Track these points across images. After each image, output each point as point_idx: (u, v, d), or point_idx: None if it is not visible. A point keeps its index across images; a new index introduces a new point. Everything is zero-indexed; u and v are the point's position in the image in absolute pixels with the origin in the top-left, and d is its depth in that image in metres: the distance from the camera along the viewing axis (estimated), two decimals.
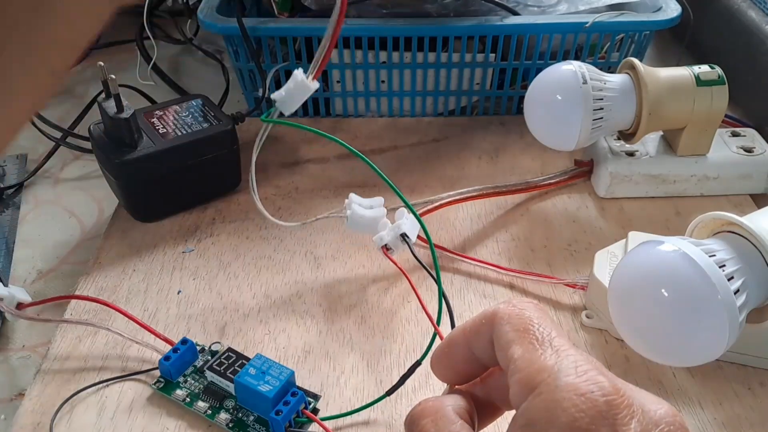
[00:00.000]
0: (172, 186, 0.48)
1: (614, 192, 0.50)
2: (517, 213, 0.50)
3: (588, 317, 0.41)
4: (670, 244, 0.33)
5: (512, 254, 0.46)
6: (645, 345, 0.34)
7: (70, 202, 0.53)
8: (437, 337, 0.35)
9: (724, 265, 0.32)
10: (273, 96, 0.37)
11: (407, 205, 0.39)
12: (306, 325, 0.41)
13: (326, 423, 0.35)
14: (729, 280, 0.32)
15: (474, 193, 0.48)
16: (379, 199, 0.41)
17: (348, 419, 0.36)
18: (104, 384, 0.37)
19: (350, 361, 0.39)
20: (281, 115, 0.38)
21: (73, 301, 0.42)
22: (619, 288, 0.34)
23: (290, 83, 0.37)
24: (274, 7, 0.55)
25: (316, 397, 0.37)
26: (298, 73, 0.37)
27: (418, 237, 0.41)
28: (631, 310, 0.34)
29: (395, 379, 0.37)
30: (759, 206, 0.49)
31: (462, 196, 0.48)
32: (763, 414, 0.36)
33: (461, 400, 0.24)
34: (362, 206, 0.41)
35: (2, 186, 0.53)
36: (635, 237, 0.42)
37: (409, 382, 0.37)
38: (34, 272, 0.47)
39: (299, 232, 0.48)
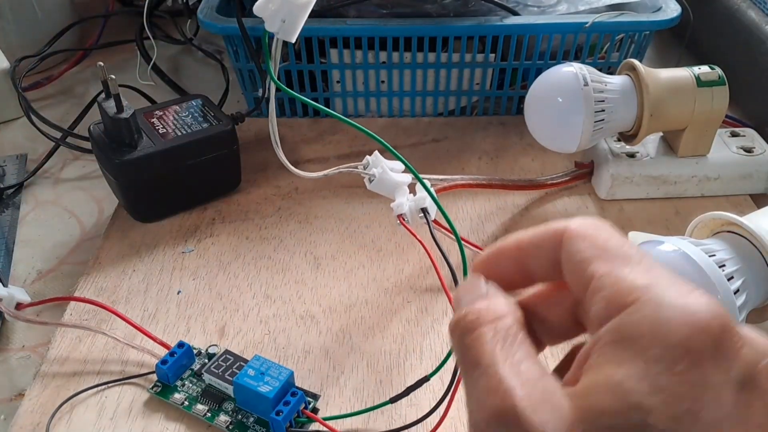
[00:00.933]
0: (172, 186, 0.48)
1: (615, 194, 0.50)
2: (517, 213, 0.50)
3: None
4: (670, 244, 0.33)
5: None
6: None
7: (69, 202, 0.53)
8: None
9: (723, 265, 0.32)
10: (266, 27, 0.31)
11: (431, 195, 0.36)
12: (306, 325, 0.41)
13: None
14: (729, 279, 0.32)
15: (483, 182, 0.48)
16: (400, 164, 0.39)
17: (347, 420, 0.36)
18: (103, 387, 0.37)
19: (350, 361, 0.39)
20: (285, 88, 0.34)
21: (73, 302, 0.42)
22: None
23: None
24: None
25: (315, 397, 0.37)
26: None
27: (436, 222, 0.39)
28: None
29: (395, 379, 0.37)
30: (759, 206, 0.49)
31: (471, 182, 0.48)
32: None
33: (518, 309, 0.21)
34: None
35: (2, 186, 0.53)
36: (635, 237, 0.42)
37: (409, 382, 0.37)
38: (34, 272, 0.47)
39: (299, 232, 0.48)
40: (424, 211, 0.37)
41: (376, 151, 0.39)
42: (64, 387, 0.37)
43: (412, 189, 0.39)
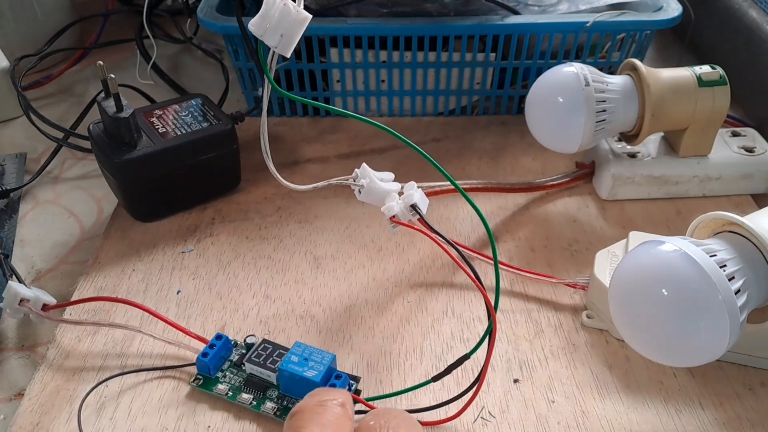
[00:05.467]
0: (172, 186, 0.48)
1: (616, 194, 0.50)
2: (517, 213, 0.50)
3: (588, 317, 0.41)
4: (671, 244, 0.33)
5: (512, 254, 0.46)
6: (645, 345, 0.34)
7: (69, 201, 0.53)
8: (492, 327, 0.33)
9: (725, 265, 0.32)
10: (265, 41, 0.33)
11: (462, 193, 0.37)
12: (306, 325, 0.41)
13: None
14: (730, 280, 0.31)
15: (479, 185, 0.48)
16: (390, 174, 0.40)
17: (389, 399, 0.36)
18: (135, 374, 0.38)
19: (350, 361, 0.39)
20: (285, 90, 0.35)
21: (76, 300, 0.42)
22: (620, 288, 0.34)
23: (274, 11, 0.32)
24: None
25: (356, 379, 0.37)
26: None
27: (426, 235, 0.39)
28: (631, 310, 0.34)
29: (395, 380, 0.37)
30: (760, 206, 0.49)
31: (467, 186, 0.48)
32: (763, 414, 0.36)
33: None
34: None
35: (8, 188, 0.52)
36: (636, 237, 0.42)
37: (409, 382, 0.37)
38: (34, 272, 0.47)
39: (299, 232, 0.48)
40: (414, 207, 0.38)
41: (364, 164, 0.39)
42: (64, 387, 0.37)
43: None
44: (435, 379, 0.36)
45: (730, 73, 0.47)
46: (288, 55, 0.34)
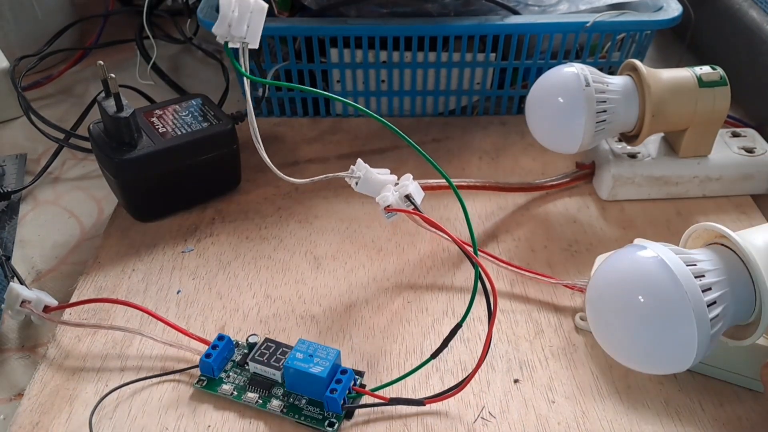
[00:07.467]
0: (172, 186, 0.48)
1: (617, 194, 0.50)
2: (517, 213, 0.50)
3: (582, 319, 0.41)
4: (651, 250, 0.32)
5: (513, 254, 0.46)
6: (617, 349, 0.33)
7: (69, 202, 0.53)
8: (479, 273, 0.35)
9: (703, 276, 0.32)
10: (233, 33, 0.35)
11: (454, 190, 0.38)
12: (306, 325, 0.41)
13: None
14: (706, 290, 0.31)
15: (477, 183, 0.48)
16: (386, 170, 0.40)
17: (394, 387, 0.37)
18: (142, 381, 0.37)
19: (350, 361, 0.39)
20: (262, 73, 0.37)
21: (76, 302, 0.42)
22: (596, 290, 0.34)
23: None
24: (274, 7, 0.55)
25: (360, 374, 0.37)
26: None
27: (421, 217, 0.40)
28: (606, 313, 0.33)
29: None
30: (760, 207, 0.49)
31: (467, 184, 0.48)
32: (764, 415, 0.36)
33: None
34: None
35: (8, 190, 0.52)
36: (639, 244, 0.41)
37: (409, 381, 0.37)
38: (34, 272, 0.47)
39: (299, 232, 0.48)
40: (409, 197, 0.38)
41: (359, 159, 0.39)
42: (64, 386, 0.37)
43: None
44: (434, 355, 0.36)
45: (730, 74, 0.47)
46: (257, 46, 0.35)
